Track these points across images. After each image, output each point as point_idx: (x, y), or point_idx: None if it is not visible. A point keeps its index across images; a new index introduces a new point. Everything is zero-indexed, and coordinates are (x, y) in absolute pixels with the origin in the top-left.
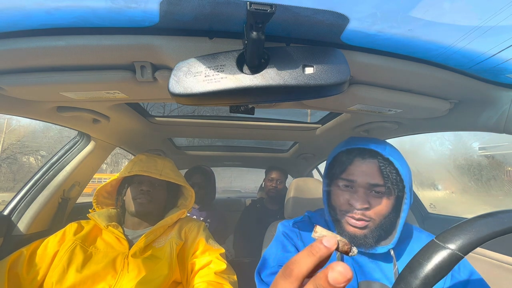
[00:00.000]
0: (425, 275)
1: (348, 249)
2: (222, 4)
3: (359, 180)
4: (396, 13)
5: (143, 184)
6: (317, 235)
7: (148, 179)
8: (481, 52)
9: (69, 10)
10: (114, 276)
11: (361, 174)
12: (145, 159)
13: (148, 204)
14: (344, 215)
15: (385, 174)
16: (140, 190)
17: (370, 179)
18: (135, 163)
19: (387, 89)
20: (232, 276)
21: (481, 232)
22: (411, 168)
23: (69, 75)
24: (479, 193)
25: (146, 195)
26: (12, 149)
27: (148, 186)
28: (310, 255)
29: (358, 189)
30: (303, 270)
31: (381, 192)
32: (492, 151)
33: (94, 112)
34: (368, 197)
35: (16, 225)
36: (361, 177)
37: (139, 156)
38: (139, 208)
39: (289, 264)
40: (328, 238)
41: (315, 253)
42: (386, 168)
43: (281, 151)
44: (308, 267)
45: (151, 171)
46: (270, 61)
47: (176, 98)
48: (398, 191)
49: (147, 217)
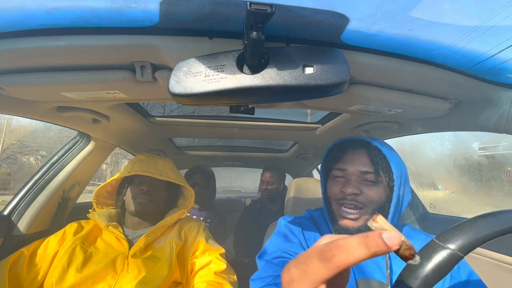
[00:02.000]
0: (425, 275)
1: (410, 255)
2: (222, 4)
3: (350, 168)
4: (396, 13)
5: (143, 184)
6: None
7: (148, 179)
8: (481, 52)
9: (69, 10)
10: (114, 276)
11: (352, 162)
12: (145, 159)
13: (148, 204)
14: (338, 204)
15: (375, 162)
16: (140, 190)
17: (360, 167)
18: (135, 163)
19: (387, 89)
20: (232, 276)
21: (481, 232)
22: (412, 168)
23: (69, 75)
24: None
25: (146, 195)
26: (12, 149)
27: (148, 186)
28: (364, 246)
29: (350, 177)
30: (348, 260)
31: (372, 181)
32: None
33: (94, 112)
34: (359, 185)
35: (16, 225)
36: (352, 166)
37: (139, 156)
38: (139, 207)
39: (332, 247)
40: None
41: (371, 247)
42: (376, 156)
43: (281, 151)
44: (356, 259)
45: (151, 171)
46: (270, 61)
47: (176, 98)
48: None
49: (147, 217)
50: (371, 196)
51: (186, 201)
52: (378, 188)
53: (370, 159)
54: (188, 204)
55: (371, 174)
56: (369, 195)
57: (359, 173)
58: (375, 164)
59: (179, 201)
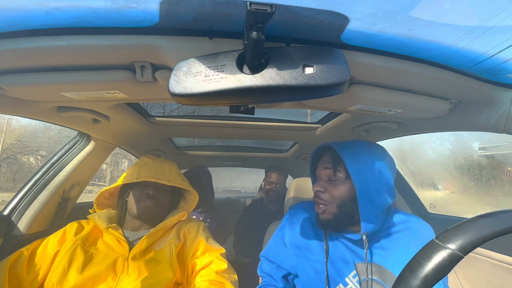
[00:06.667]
0: (425, 275)
1: None
2: (222, 4)
3: (318, 171)
4: (396, 13)
5: (150, 188)
6: None
7: (155, 183)
8: (481, 52)
9: (69, 10)
10: (114, 278)
11: (320, 166)
12: (151, 163)
13: (153, 208)
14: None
15: (333, 162)
16: (146, 194)
17: (324, 168)
18: (141, 167)
19: (387, 89)
20: (233, 275)
21: (481, 232)
22: (412, 168)
23: (69, 75)
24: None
25: (152, 199)
26: (12, 149)
27: (154, 191)
28: None
29: (319, 178)
30: None
31: (333, 179)
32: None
33: (94, 112)
34: (324, 183)
35: (16, 225)
36: (320, 169)
37: (144, 159)
38: (144, 211)
39: None
40: None
41: None
42: (333, 157)
43: (281, 151)
44: None
45: (158, 176)
46: (270, 61)
47: (176, 98)
48: (346, 175)
49: (149, 220)
50: (333, 193)
51: (187, 205)
52: (340, 185)
53: (330, 161)
54: (189, 207)
55: (330, 172)
56: (331, 193)
57: (323, 174)
58: (333, 164)
59: (180, 204)
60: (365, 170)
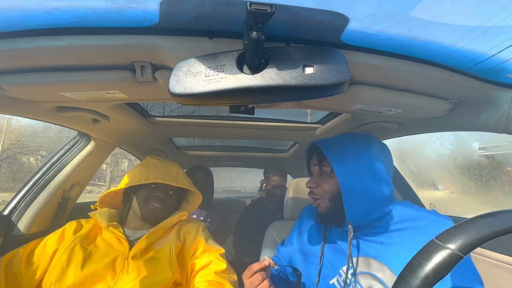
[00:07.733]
0: (425, 275)
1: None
2: (222, 4)
3: (311, 168)
4: (396, 13)
5: (160, 190)
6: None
7: (164, 185)
8: (481, 52)
9: (69, 10)
10: (113, 276)
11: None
12: (159, 164)
13: (161, 211)
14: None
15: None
16: (156, 196)
17: (313, 165)
18: (148, 168)
19: (387, 89)
20: (233, 276)
21: (481, 232)
22: (412, 168)
23: (69, 75)
24: (479, 193)
25: (162, 202)
26: (12, 149)
27: (164, 193)
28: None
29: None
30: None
31: (322, 174)
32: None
33: (94, 112)
34: (316, 179)
35: (16, 225)
36: (311, 166)
37: (150, 160)
38: (151, 213)
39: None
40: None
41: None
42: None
43: (281, 151)
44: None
45: (167, 178)
46: (270, 61)
47: (176, 98)
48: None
49: (154, 221)
50: (323, 187)
51: (188, 205)
52: (328, 179)
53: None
54: (190, 208)
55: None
56: (322, 186)
57: (314, 170)
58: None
59: (182, 205)
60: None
